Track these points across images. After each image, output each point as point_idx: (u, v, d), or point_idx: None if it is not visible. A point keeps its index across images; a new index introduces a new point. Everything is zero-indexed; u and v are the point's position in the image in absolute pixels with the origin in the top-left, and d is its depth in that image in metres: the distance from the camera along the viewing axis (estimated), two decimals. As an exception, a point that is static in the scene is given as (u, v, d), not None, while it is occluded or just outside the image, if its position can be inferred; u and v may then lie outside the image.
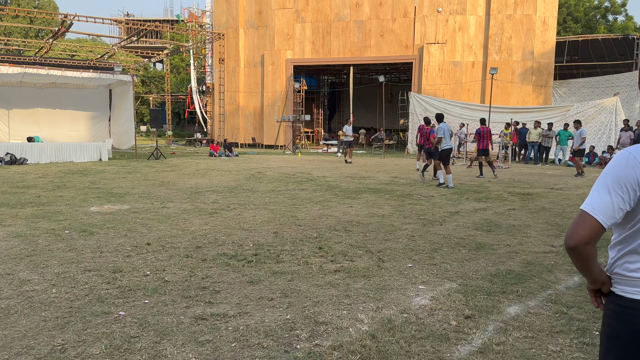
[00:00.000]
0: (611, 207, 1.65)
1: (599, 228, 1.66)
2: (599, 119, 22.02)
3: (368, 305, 4.15)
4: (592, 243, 1.68)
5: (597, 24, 39.06)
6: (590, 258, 1.71)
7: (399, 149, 28.44)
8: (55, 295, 4.31)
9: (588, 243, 1.67)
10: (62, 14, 22.59)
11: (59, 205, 8.83)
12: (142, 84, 49.85)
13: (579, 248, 1.68)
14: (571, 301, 4.32)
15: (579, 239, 1.68)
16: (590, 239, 1.67)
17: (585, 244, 1.67)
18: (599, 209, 1.66)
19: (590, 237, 1.67)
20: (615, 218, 1.67)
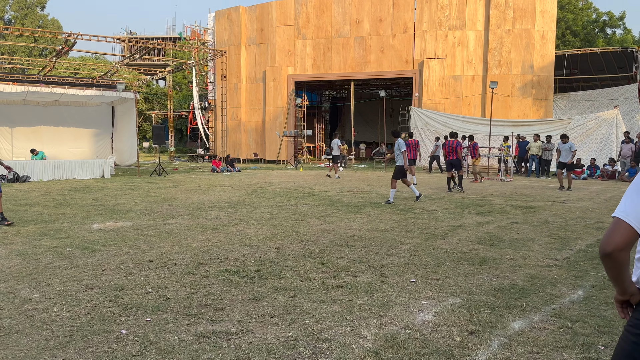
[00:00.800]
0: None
1: (633, 233, 1.67)
2: (599, 131, 22.05)
3: (371, 322, 4.13)
4: (627, 249, 1.69)
5: (595, 37, 39.30)
6: (624, 265, 1.72)
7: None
8: (56, 314, 4.29)
9: (623, 249, 1.68)
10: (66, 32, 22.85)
11: (62, 223, 8.84)
12: (145, 101, 50.18)
13: (615, 254, 1.69)
14: (576, 315, 4.29)
15: (615, 245, 1.68)
16: (625, 245, 1.68)
17: (621, 250, 1.68)
18: (633, 214, 1.68)
19: (625, 243, 1.68)
20: None
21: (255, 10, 30.54)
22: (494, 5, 25.74)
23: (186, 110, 42.83)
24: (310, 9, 28.85)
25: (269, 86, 29.88)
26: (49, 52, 44.95)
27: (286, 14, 29.33)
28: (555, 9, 26.09)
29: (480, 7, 26.15)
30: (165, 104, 43.16)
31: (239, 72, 31.21)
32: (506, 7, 25.63)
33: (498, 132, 21.98)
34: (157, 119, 47.27)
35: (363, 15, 27.87)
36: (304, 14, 28.98)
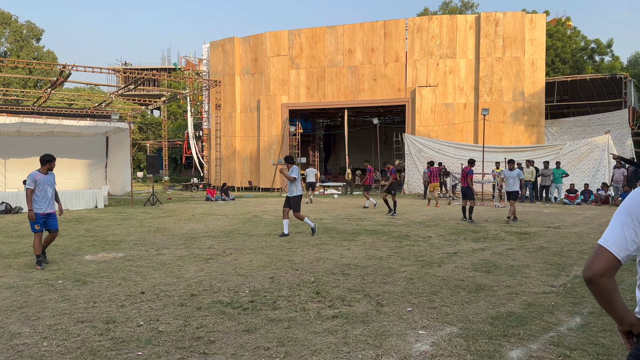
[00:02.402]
0: (624, 239, 1.72)
1: (613, 260, 1.71)
2: (591, 156, 22.25)
3: (367, 353, 4.05)
4: (607, 275, 1.72)
5: (584, 64, 40.01)
6: (609, 292, 1.74)
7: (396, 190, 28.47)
8: (46, 349, 4.19)
9: (603, 275, 1.72)
10: (61, 64, 23.03)
11: (53, 255, 8.73)
12: (139, 131, 50.33)
13: (595, 280, 1.73)
14: (574, 343, 4.23)
15: (594, 271, 1.73)
16: (605, 271, 1.72)
17: (601, 275, 1.72)
18: (612, 242, 1.73)
19: (605, 269, 1.72)
20: (629, 250, 1.72)
21: (249, 41, 30.98)
22: (483, 34, 26.24)
23: (181, 139, 42.97)
24: (303, 40, 29.30)
25: (263, 115, 30.09)
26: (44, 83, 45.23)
27: (280, 44, 29.77)
28: (544, 37, 26.63)
29: (470, 36, 26.64)
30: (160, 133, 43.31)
31: (233, 101, 31.46)
32: (496, 35, 26.13)
33: (491, 159, 22.13)
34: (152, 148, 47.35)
35: (355, 45, 28.32)
36: (298, 45, 29.41)
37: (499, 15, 26.16)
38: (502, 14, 26.24)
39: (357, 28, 28.33)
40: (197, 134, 35.52)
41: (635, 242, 1.72)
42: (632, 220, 1.72)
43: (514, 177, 13.65)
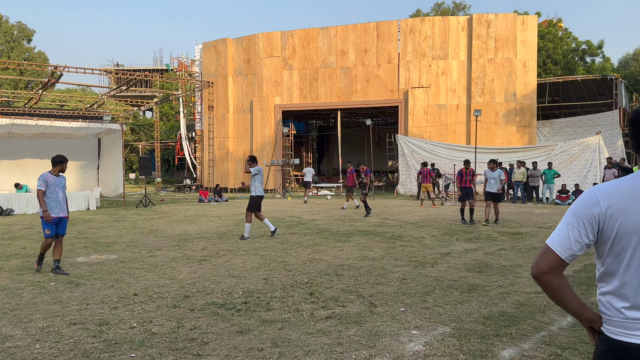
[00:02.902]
0: (567, 239, 1.76)
1: (556, 259, 1.76)
2: (583, 157, 22.41)
3: (361, 353, 4.07)
4: (551, 273, 1.76)
5: (575, 65, 40.30)
6: (556, 289, 1.78)
7: (388, 191, 28.56)
8: (38, 351, 4.18)
9: (547, 273, 1.76)
10: (52, 65, 22.90)
11: (45, 257, 8.66)
12: (132, 132, 50.10)
13: (539, 277, 1.78)
14: (565, 342, 4.27)
15: (538, 269, 1.78)
16: (548, 269, 1.76)
17: (545, 273, 1.76)
18: (557, 241, 1.77)
19: (548, 268, 1.76)
20: (573, 250, 1.75)
21: (242, 42, 30.94)
22: (475, 36, 26.37)
23: (173, 140, 42.82)
24: (296, 41, 29.31)
25: (256, 116, 30.06)
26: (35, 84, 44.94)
27: (273, 45, 29.76)
28: (535, 39, 26.79)
29: (462, 38, 26.76)
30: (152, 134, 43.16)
31: (226, 102, 31.40)
32: (488, 37, 26.27)
33: (483, 159, 22.19)
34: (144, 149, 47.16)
35: (348, 47, 28.36)
36: (290, 46, 29.42)
37: (491, 17, 26.31)
38: (494, 15, 26.38)
39: (349, 29, 28.38)
40: (189, 135, 35.41)
41: (579, 242, 1.74)
42: (578, 220, 1.75)
43: (495, 177, 13.30)
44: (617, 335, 1.68)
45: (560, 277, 1.78)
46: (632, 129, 1.79)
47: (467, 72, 26.74)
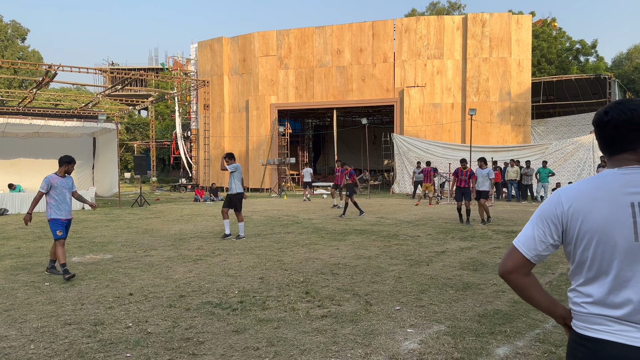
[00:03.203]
0: (532, 239, 1.79)
1: (521, 259, 1.80)
2: (577, 155, 22.51)
3: (356, 352, 4.08)
4: (516, 272, 1.81)
5: (569, 64, 40.46)
6: (523, 288, 1.82)
7: (384, 189, 28.61)
8: (33, 352, 4.17)
9: (512, 272, 1.80)
10: (47, 64, 22.78)
11: (40, 257, 8.65)
12: (127, 131, 49.94)
13: (505, 276, 1.83)
14: (559, 340, 4.30)
15: (503, 268, 1.83)
16: (513, 269, 1.80)
17: (510, 272, 1.81)
18: (522, 241, 1.81)
19: (513, 267, 1.81)
20: (538, 250, 1.79)
21: (237, 41, 30.90)
22: (470, 35, 26.43)
23: (169, 139, 42.72)
24: (292, 40, 29.29)
25: (252, 115, 30.03)
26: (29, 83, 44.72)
27: (268, 44, 29.73)
28: (530, 38, 26.89)
29: (457, 37, 26.82)
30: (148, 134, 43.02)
31: (221, 101, 31.35)
32: (482, 36, 26.33)
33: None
34: (139, 149, 47.03)
35: (344, 46, 28.37)
36: (286, 45, 29.40)
37: (486, 16, 26.38)
38: (489, 14, 26.45)
39: (345, 28, 28.39)
40: (185, 134, 35.33)
41: (544, 242, 1.78)
42: (543, 221, 1.79)
43: (484, 175, 13.16)
44: (582, 330, 1.72)
45: (526, 277, 1.82)
46: (597, 131, 1.82)
47: (462, 72, 26.81)
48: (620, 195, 1.68)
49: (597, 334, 1.68)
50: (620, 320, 1.65)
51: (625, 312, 1.64)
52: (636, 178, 1.69)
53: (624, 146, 1.74)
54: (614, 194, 1.68)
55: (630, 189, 1.67)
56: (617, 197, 1.68)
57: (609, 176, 1.73)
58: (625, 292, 1.65)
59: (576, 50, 42.00)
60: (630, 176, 1.69)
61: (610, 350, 1.64)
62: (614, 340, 1.64)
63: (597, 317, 1.69)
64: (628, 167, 1.72)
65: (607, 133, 1.77)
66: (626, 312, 1.64)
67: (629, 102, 1.76)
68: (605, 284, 1.69)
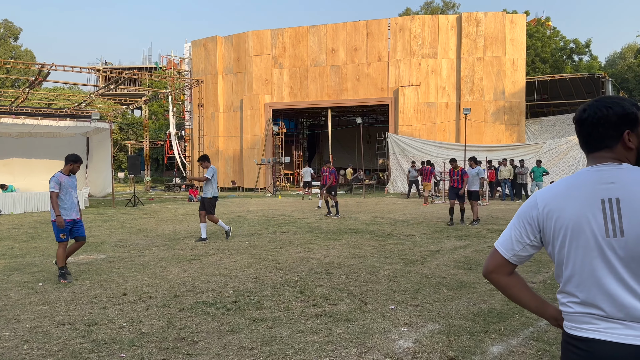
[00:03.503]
0: (510, 240, 1.82)
1: (500, 259, 1.83)
2: (571, 155, 22.63)
3: (351, 351, 4.08)
4: (497, 272, 1.84)
5: (563, 64, 40.66)
6: (505, 287, 1.84)
7: (379, 189, 28.64)
8: (26, 352, 4.14)
9: (493, 272, 1.84)
10: (39, 63, 22.65)
11: (33, 257, 8.61)
12: (120, 131, 49.73)
13: (487, 276, 1.87)
14: (553, 338, 4.32)
15: (485, 268, 1.87)
16: (494, 269, 1.84)
17: (491, 272, 1.85)
18: (501, 242, 1.85)
19: (494, 267, 1.84)
20: (515, 250, 1.81)
21: (231, 40, 30.84)
22: (465, 34, 26.50)
23: (162, 139, 42.58)
24: (286, 39, 29.27)
25: (247, 114, 29.99)
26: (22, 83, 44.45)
27: (262, 43, 29.69)
28: (524, 37, 26.99)
29: (452, 36, 26.88)
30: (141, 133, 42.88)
31: (216, 100, 31.29)
32: (477, 35, 26.41)
33: (473, 157, 22.34)
34: (133, 148, 46.85)
35: (338, 45, 28.38)
36: (281, 44, 29.37)
37: (480, 15, 26.45)
38: (483, 14, 26.53)
39: (340, 28, 28.40)
40: (179, 133, 35.22)
41: (521, 243, 1.79)
42: (519, 222, 1.81)
43: (474, 175, 12.81)
44: (572, 330, 1.72)
45: (508, 276, 1.83)
46: (577, 128, 1.81)
47: (456, 71, 26.88)
48: (592, 192, 1.67)
49: (586, 333, 1.67)
50: (607, 318, 1.64)
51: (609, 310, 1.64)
52: (608, 174, 1.67)
53: (601, 144, 1.73)
54: (587, 191, 1.68)
55: (602, 185, 1.67)
56: (589, 194, 1.68)
57: (583, 174, 1.73)
58: None
59: (570, 49, 42.22)
60: (603, 172, 1.69)
61: (601, 349, 1.64)
62: (603, 339, 1.64)
63: (584, 315, 1.69)
64: (602, 164, 1.71)
65: (584, 130, 1.77)
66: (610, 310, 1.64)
67: (606, 99, 1.74)
68: None
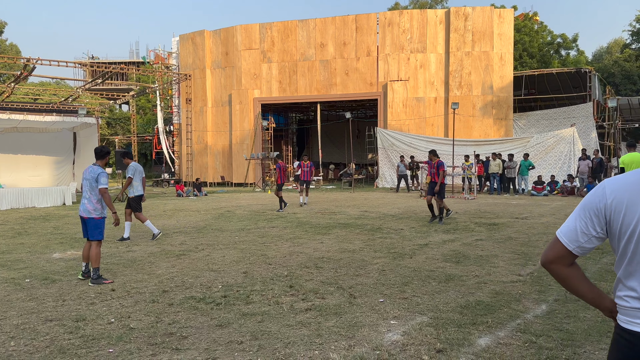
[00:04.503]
0: (574, 231, 1.78)
1: (563, 250, 1.80)
2: (558, 148, 22.82)
3: (340, 344, 4.10)
4: (558, 262, 1.81)
5: (551, 58, 40.94)
6: (564, 278, 1.83)
7: (368, 183, 28.71)
8: (13, 349, 4.11)
9: (553, 262, 1.81)
10: (25, 57, 22.34)
11: (20, 253, 8.52)
12: (108, 126, 49.27)
13: (547, 266, 1.84)
14: (540, 330, 4.37)
15: (545, 258, 1.84)
16: (555, 259, 1.81)
17: (551, 262, 1.81)
18: (565, 232, 1.81)
19: (555, 257, 1.81)
20: (580, 242, 1.77)
21: (220, 34, 30.63)
22: (453, 29, 26.56)
23: (150, 134, 42.26)
24: (275, 33, 29.14)
25: (235, 109, 29.86)
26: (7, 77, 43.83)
27: (251, 37, 29.53)
28: (512, 32, 27.12)
29: (440, 31, 26.94)
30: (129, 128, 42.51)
31: (204, 95, 31.10)
32: (465, 30, 26.48)
33: (461, 152, 22.47)
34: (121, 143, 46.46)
35: (327, 39, 28.31)
36: (269, 38, 29.24)
37: (469, 10, 26.53)
38: (472, 8, 26.60)
39: (328, 22, 28.32)
40: (167, 128, 34.97)
41: (586, 234, 1.76)
42: (585, 213, 1.77)
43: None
44: (626, 324, 1.71)
45: (568, 267, 1.81)
46: None
47: (445, 65, 26.95)
48: None
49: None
50: None
51: None
52: None
53: None
54: None
55: None
56: None
57: None
58: None
59: (557, 44, 42.51)
60: None
61: None
62: None
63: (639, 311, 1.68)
64: None
65: None
66: None
67: None
68: None
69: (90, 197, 6.49)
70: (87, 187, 6.53)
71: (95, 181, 6.48)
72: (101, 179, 6.49)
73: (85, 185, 6.55)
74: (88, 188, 6.51)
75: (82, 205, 6.54)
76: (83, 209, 6.51)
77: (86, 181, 6.55)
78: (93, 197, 6.50)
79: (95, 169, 6.60)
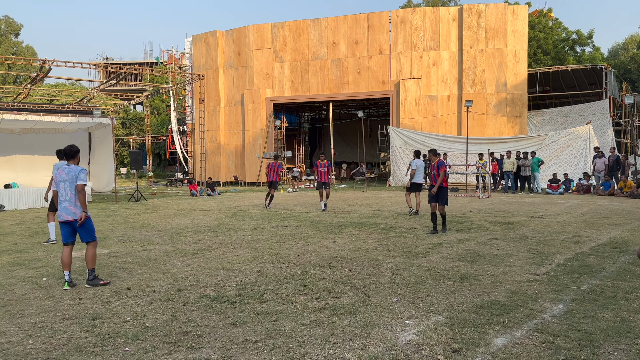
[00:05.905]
0: None
1: None
2: (573, 146, 22.53)
3: (355, 343, 4.09)
4: None
5: (566, 55, 40.42)
6: None
7: (381, 182, 28.61)
8: (31, 347, 4.16)
9: None
10: (41, 59, 22.60)
11: (37, 252, 8.63)
12: (122, 126, 49.74)
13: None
14: (557, 330, 4.32)
15: None
16: None
17: None
18: None
19: None
20: None
21: (232, 34, 30.74)
22: (466, 26, 26.36)
23: (164, 134, 42.57)
24: (287, 33, 29.17)
25: (248, 109, 29.95)
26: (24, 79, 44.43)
27: (263, 37, 29.59)
28: (526, 29, 26.82)
29: (453, 28, 26.74)
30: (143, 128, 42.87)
31: (217, 95, 31.25)
32: (478, 27, 26.27)
33: (475, 150, 22.30)
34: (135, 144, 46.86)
35: (339, 38, 28.27)
36: (281, 38, 29.27)
37: (482, 7, 26.30)
38: (485, 5, 26.37)
39: (340, 21, 28.27)
40: (180, 128, 35.21)
41: None
42: None
43: (419, 166, 12.77)
44: None
45: None
46: None
47: (458, 63, 26.76)
48: None
49: None
50: None
51: None
52: None
53: None
54: None
55: None
56: None
57: None
58: None
59: (572, 40, 41.95)
60: None
61: None
62: None
63: None
64: None
65: None
66: None
67: None
68: None
69: (72, 198, 6.25)
70: (67, 188, 6.24)
71: (76, 179, 6.25)
72: (81, 175, 6.26)
73: (64, 187, 6.25)
74: (68, 189, 6.24)
75: (63, 209, 6.24)
76: (66, 212, 6.22)
77: (65, 182, 6.24)
78: (75, 197, 6.28)
79: (74, 168, 6.33)
